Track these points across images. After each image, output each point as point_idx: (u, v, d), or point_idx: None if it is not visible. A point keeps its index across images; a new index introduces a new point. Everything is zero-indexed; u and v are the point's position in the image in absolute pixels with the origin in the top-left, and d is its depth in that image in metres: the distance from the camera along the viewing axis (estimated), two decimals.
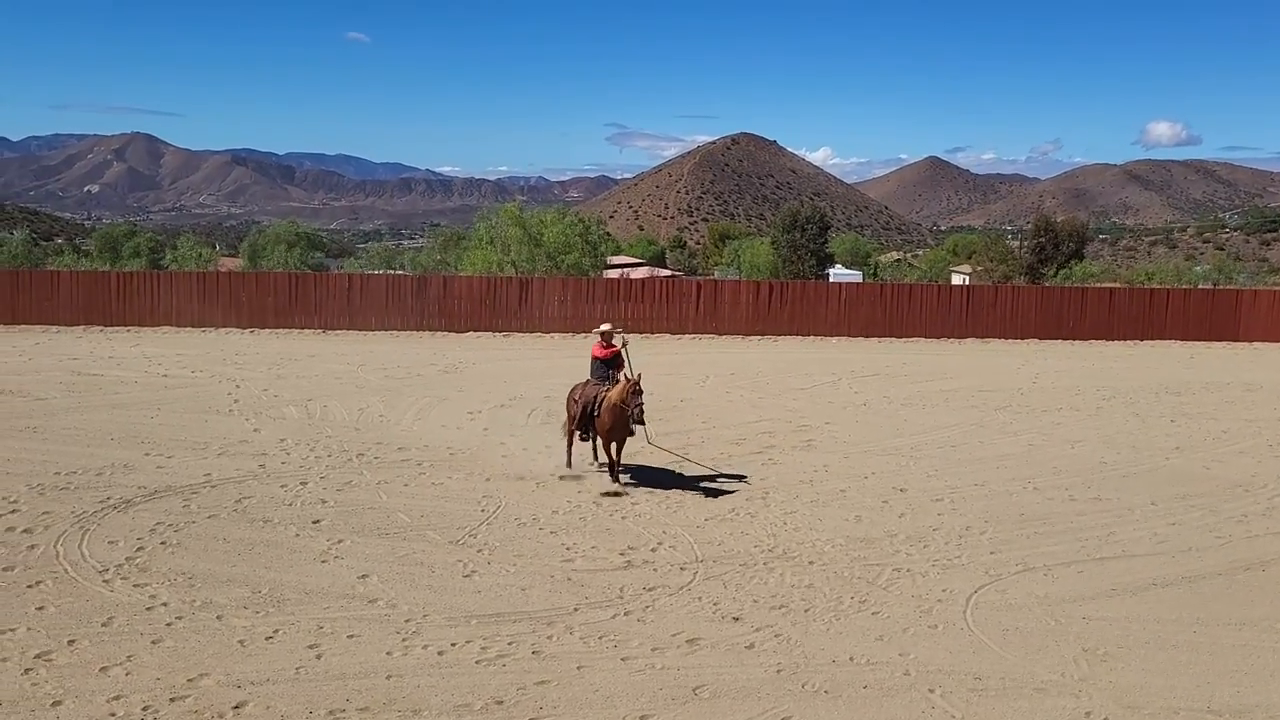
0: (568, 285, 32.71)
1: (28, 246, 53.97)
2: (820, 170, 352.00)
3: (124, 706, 7.70)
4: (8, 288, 30.77)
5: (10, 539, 11.28)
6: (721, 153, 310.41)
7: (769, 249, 60.40)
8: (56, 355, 24.59)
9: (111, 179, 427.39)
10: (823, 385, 22.79)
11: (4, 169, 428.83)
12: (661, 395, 20.91)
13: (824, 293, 33.51)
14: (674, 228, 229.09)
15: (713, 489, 14.04)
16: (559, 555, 11.30)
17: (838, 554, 11.57)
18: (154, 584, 10.12)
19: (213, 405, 18.91)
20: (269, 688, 8.06)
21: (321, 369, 23.41)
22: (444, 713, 7.76)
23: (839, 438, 17.54)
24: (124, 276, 32.60)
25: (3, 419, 17.21)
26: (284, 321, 30.88)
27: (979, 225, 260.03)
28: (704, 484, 14.34)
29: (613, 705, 7.94)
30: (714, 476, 14.66)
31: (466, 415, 18.59)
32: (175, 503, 12.80)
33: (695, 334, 31.87)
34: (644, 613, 9.74)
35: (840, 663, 8.75)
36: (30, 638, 8.83)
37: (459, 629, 9.26)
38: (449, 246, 54.42)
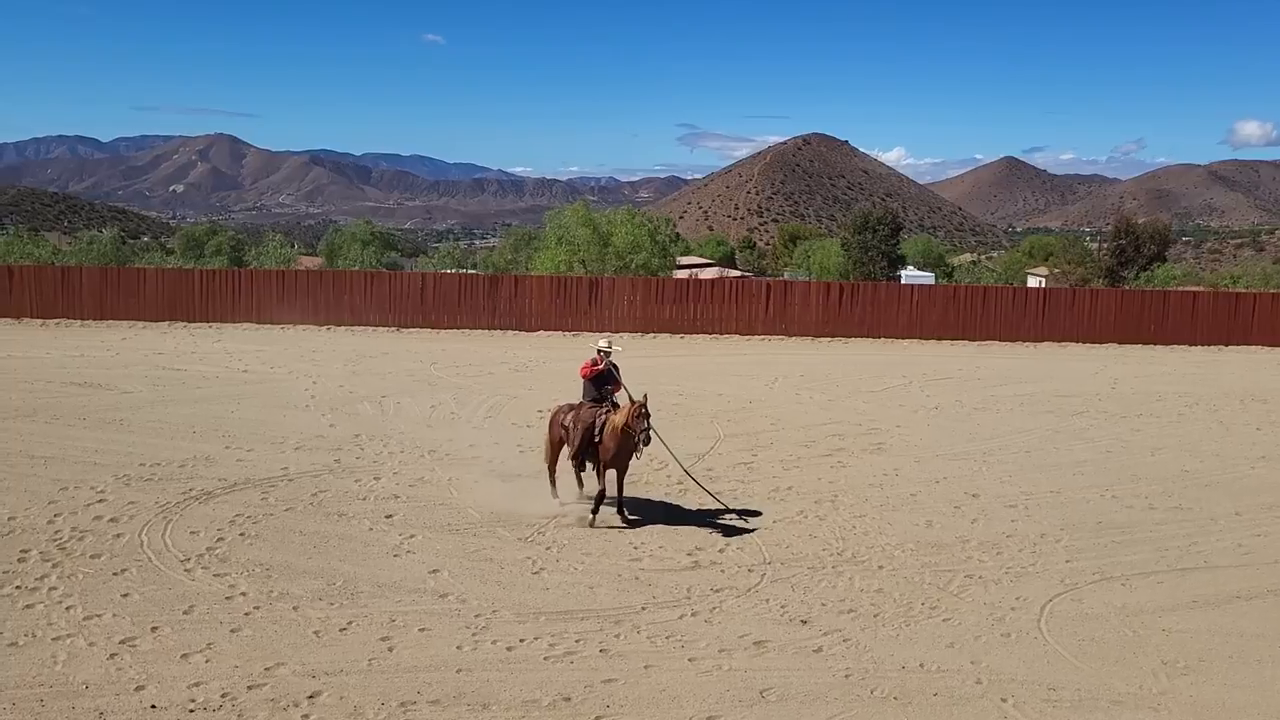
0: (637, 285, 32.75)
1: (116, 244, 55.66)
2: (893, 171, 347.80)
3: (203, 693, 7.92)
4: (97, 284, 31.79)
5: (98, 527, 11.68)
6: (792, 153, 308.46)
7: (839, 250, 59.84)
8: (142, 350, 25.35)
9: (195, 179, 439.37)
10: (894, 388, 22.52)
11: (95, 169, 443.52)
12: (730, 396, 20.88)
13: (895, 294, 33.06)
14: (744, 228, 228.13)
15: (776, 492, 13.96)
16: (626, 554, 11.34)
17: (908, 559, 11.43)
18: (233, 574, 10.40)
19: (290, 400, 19.33)
20: (342, 678, 8.23)
21: (395, 366, 23.78)
22: (512, 708, 7.84)
23: (910, 441, 17.32)
24: (207, 274, 33.49)
25: (91, 411, 17.81)
26: (359, 319, 31.41)
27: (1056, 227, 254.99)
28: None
29: (679, 705, 7.95)
30: (724, 512, 12.94)
31: (536, 413, 18.72)
32: (254, 495, 13.12)
33: (764, 335, 31.69)
34: (711, 614, 9.73)
35: (910, 669, 8.65)
36: (115, 623, 9.13)
37: (527, 625, 9.36)
38: (520, 246, 54.87)
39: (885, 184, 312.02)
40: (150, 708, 7.67)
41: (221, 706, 7.73)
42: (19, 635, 8.82)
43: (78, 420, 17.12)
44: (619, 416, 12.17)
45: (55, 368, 22.23)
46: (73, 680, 8.06)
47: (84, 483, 13.38)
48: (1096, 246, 63.69)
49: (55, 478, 13.59)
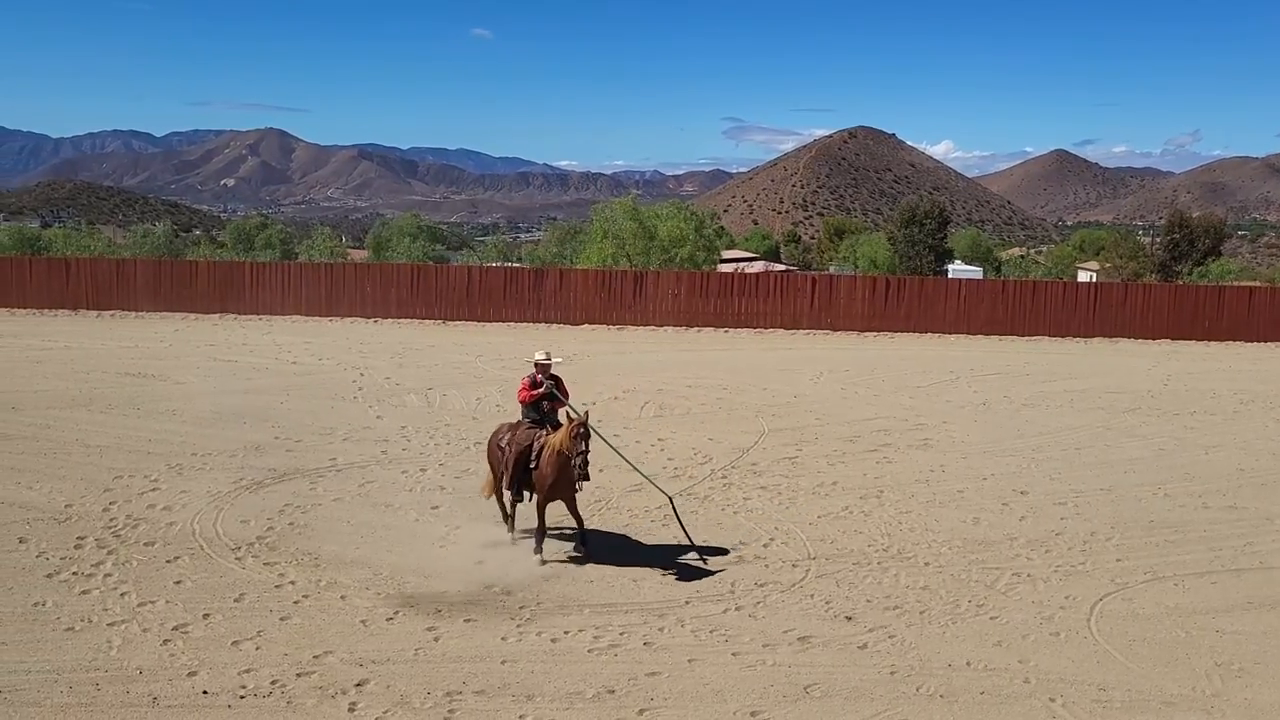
0: (682, 279, 32.70)
1: (169, 238, 56.68)
2: (940, 164, 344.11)
3: (254, 679, 8.05)
4: (151, 276, 32.37)
5: (151, 515, 11.90)
6: (838, 146, 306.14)
7: (886, 244, 59.36)
8: (194, 341, 25.79)
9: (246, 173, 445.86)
10: (940, 383, 22.29)
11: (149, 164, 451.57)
12: (775, 391, 20.80)
13: (943, 289, 32.71)
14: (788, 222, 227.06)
15: (821, 487, 13.88)
16: (671, 548, 11.33)
17: (954, 556, 11.32)
18: (282, 563, 10.55)
19: (338, 392, 19.56)
20: (389, 667, 8.32)
21: (441, 359, 23.97)
22: (557, 699, 7.88)
23: (957, 437, 17.14)
24: (257, 267, 33.98)
25: (146, 401, 18.14)
26: (406, 312, 31.71)
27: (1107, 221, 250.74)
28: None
29: (723, 700, 7.94)
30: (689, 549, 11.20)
31: (580, 407, 18.76)
32: (303, 485, 13.30)
33: (809, 330, 31.52)
34: (755, 608, 9.71)
35: (957, 667, 8.57)
36: (169, 610, 9.30)
37: (571, 617, 9.39)
38: (565, 240, 55.08)
39: (932, 177, 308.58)
40: (202, 693, 7.81)
41: (271, 693, 7.85)
42: (75, 620, 9.02)
43: (132, 410, 17.45)
44: (557, 437, 10.55)
45: (110, 358, 22.68)
46: (127, 665, 8.22)
47: (138, 471, 13.64)
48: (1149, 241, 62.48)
49: (110, 466, 13.87)
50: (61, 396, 18.31)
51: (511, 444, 10.95)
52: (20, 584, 9.80)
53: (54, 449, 14.72)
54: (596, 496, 13.09)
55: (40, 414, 16.89)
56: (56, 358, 22.62)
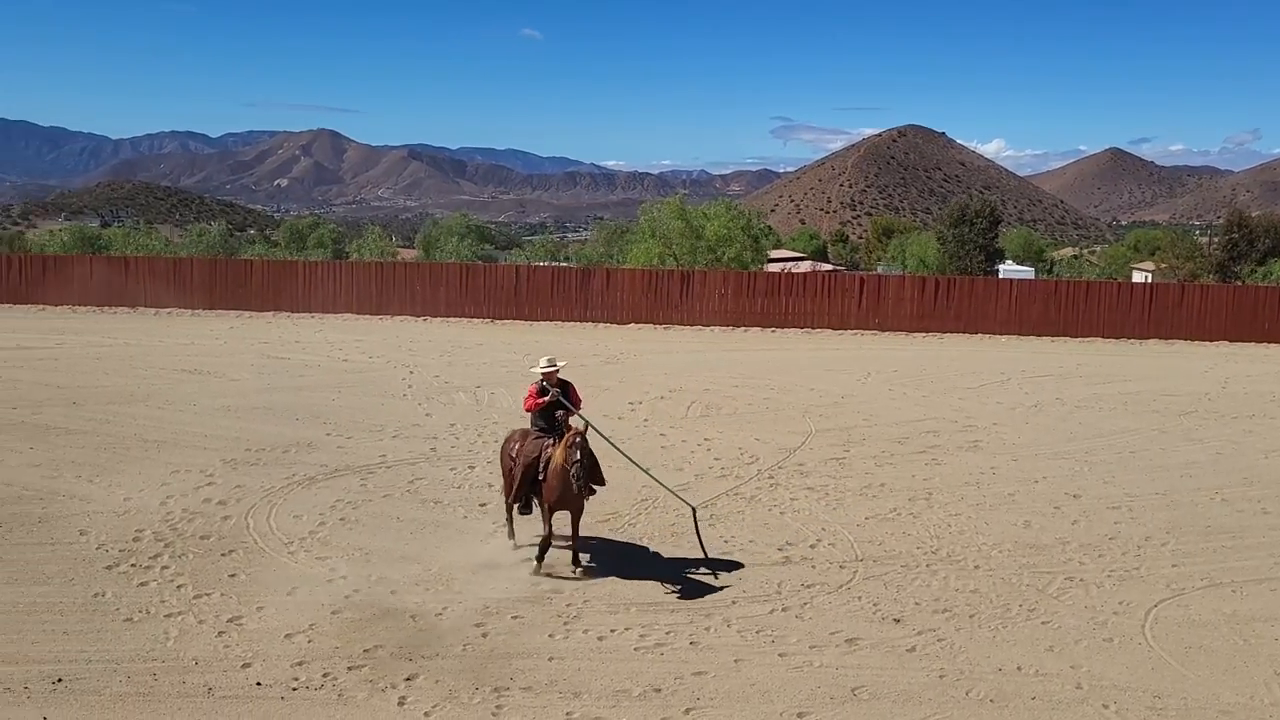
0: (729, 279, 32.64)
1: (224, 237, 57.65)
2: (991, 162, 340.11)
3: (306, 672, 8.18)
4: (207, 275, 32.98)
5: (207, 509, 12.13)
6: (887, 145, 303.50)
7: (935, 244, 58.74)
8: (248, 339, 26.22)
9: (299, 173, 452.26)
10: (991, 385, 22.03)
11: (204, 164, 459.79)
12: (822, 391, 20.69)
13: (993, 289, 32.32)
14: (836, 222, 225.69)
15: (869, 488, 13.79)
16: (716, 548, 11.33)
17: (1005, 559, 11.19)
18: (334, 558, 10.70)
19: (388, 389, 19.78)
20: (438, 662, 8.41)
21: (489, 357, 24.15)
22: (603, 697, 7.92)
23: (1007, 439, 16.93)
24: (309, 266, 34.49)
25: (201, 398, 18.49)
26: (454, 311, 31.98)
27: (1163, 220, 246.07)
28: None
29: (769, 700, 7.93)
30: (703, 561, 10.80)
31: (627, 405, 18.84)
32: (353, 481, 13.48)
33: (857, 330, 31.31)
34: (802, 609, 9.67)
35: (1007, 672, 8.47)
36: (223, 603, 9.48)
37: (618, 615, 9.43)
38: (612, 239, 55.20)
39: (983, 176, 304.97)
40: (256, 684, 7.95)
41: (322, 686, 7.97)
42: (134, 611, 9.22)
43: (188, 406, 17.79)
44: (560, 450, 10.19)
45: (168, 355, 23.14)
46: (183, 656, 8.39)
47: (194, 466, 13.91)
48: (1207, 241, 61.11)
49: (167, 461, 14.16)
50: (121, 392, 18.72)
51: (520, 455, 10.64)
52: (81, 575, 10.05)
53: (113, 444, 15.06)
54: (643, 495, 13.11)
55: (100, 409, 17.28)
56: (116, 354, 23.13)
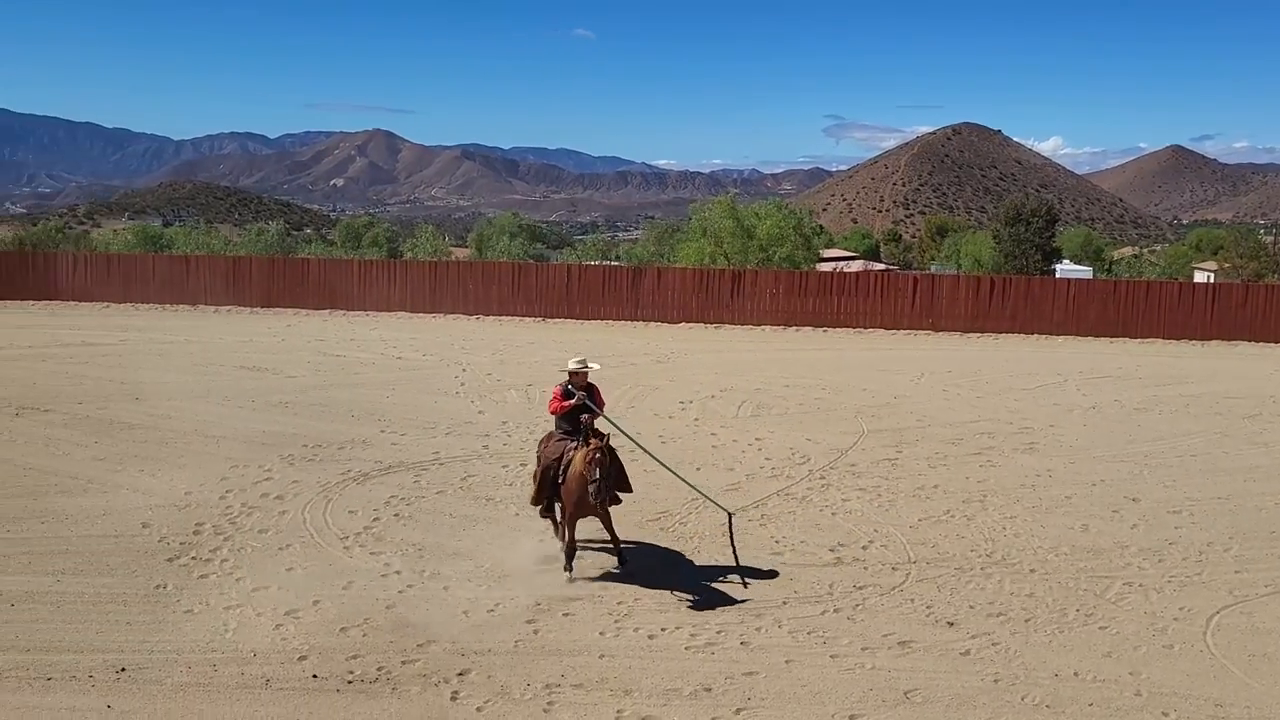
0: (780, 278, 32.50)
1: (281, 236, 58.61)
2: (1048, 160, 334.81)
3: (360, 665, 8.29)
4: (265, 274, 33.55)
5: (265, 504, 12.35)
6: (942, 143, 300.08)
7: (990, 243, 57.98)
8: (305, 337, 26.62)
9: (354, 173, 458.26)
10: (1047, 386, 21.69)
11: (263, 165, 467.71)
12: (874, 391, 20.51)
13: (1050, 289, 31.80)
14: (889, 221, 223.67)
15: (922, 490, 13.65)
16: (768, 548, 11.30)
17: (1062, 563, 11.02)
18: (388, 553, 10.83)
19: (441, 387, 19.98)
20: (490, 658, 8.48)
21: (541, 355, 24.27)
22: (654, 695, 7.93)
23: (1064, 441, 16.66)
24: (364, 264, 34.94)
25: (259, 394, 18.81)
26: (506, 309, 32.20)
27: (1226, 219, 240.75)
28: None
29: (821, 702, 7.89)
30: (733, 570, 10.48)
31: (678, 405, 18.84)
32: (407, 478, 13.63)
33: (910, 330, 31.00)
34: (854, 611, 9.61)
35: (1064, 677, 8.34)
36: (280, 596, 9.64)
37: (669, 614, 9.43)
38: (663, 239, 55.23)
39: (1040, 174, 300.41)
40: (312, 677, 8.08)
41: (377, 679, 8.07)
42: (195, 603, 9.42)
43: (247, 402, 18.11)
44: (579, 457, 9.88)
45: (227, 352, 23.58)
46: (242, 648, 8.55)
47: (252, 461, 14.16)
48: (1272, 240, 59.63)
49: (227, 456, 14.43)
50: (181, 388, 19.10)
51: (541, 457, 10.48)
52: (143, 567, 10.28)
53: (175, 438, 15.38)
54: (693, 495, 13.09)
55: (162, 404, 17.65)
56: (178, 351, 23.62)
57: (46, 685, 7.84)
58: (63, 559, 10.43)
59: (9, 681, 7.87)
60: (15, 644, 8.48)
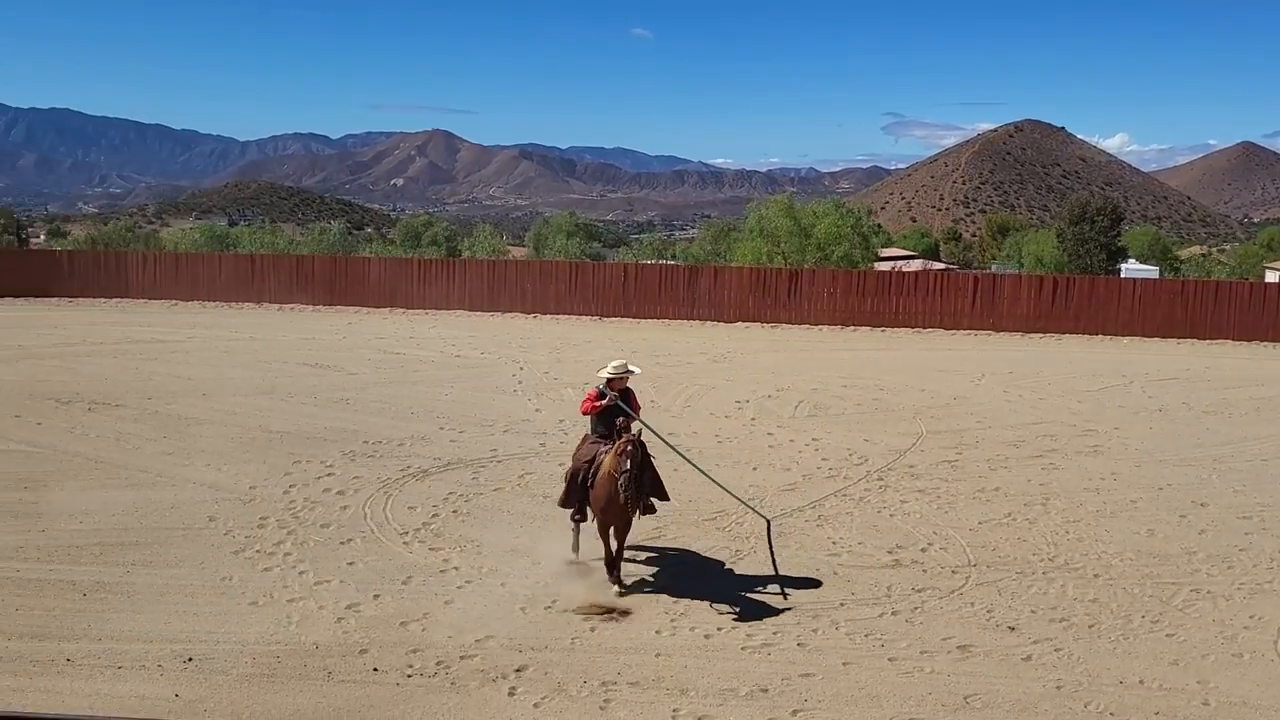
0: (838, 278, 32.25)
1: (343, 235, 59.55)
2: (1113, 158, 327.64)
3: (420, 659, 8.40)
4: (327, 273, 34.09)
5: (327, 499, 12.56)
6: (1003, 141, 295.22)
7: (1053, 242, 57.00)
8: (366, 334, 27.00)
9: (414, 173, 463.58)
10: (1112, 388, 21.27)
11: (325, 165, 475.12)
12: (934, 392, 20.28)
13: (1115, 289, 31.17)
14: (948, 219, 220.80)
15: (982, 492, 13.46)
16: (825, 549, 11.24)
17: (1127, 569, 10.80)
18: (447, 549, 10.95)
19: (499, 385, 20.14)
20: (547, 654, 8.54)
21: (597, 354, 24.32)
22: (710, 695, 7.93)
23: (1130, 445, 16.33)
24: (424, 263, 35.33)
25: (321, 391, 19.13)
26: (563, 308, 32.35)
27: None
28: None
29: (879, 705, 7.82)
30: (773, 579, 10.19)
31: (734, 404, 18.80)
32: (466, 475, 13.77)
33: (970, 330, 30.59)
34: (912, 614, 9.51)
35: (1129, 685, 8.18)
36: (342, 589, 9.80)
37: (724, 614, 9.41)
38: (719, 238, 55.13)
39: (1105, 172, 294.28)
40: (373, 670, 8.20)
41: (436, 674, 8.17)
42: (259, 595, 9.61)
43: (310, 398, 18.43)
44: (608, 458, 9.63)
45: (290, 349, 24.00)
46: (305, 640, 8.71)
47: (315, 457, 14.40)
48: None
49: (290, 451, 14.70)
50: (246, 384, 19.50)
51: (573, 460, 10.32)
52: (210, 559, 10.51)
53: (240, 434, 15.70)
54: (749, 495, 13.06)
55: (228, 400, 18.03)
56: (243, 348, 24.09)
57: (117, 673, 8.05)
58: (133, 550, 10.71)
59: (81, 669, 8.10)
60: (87, 633, 8.73)
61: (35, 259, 39.22)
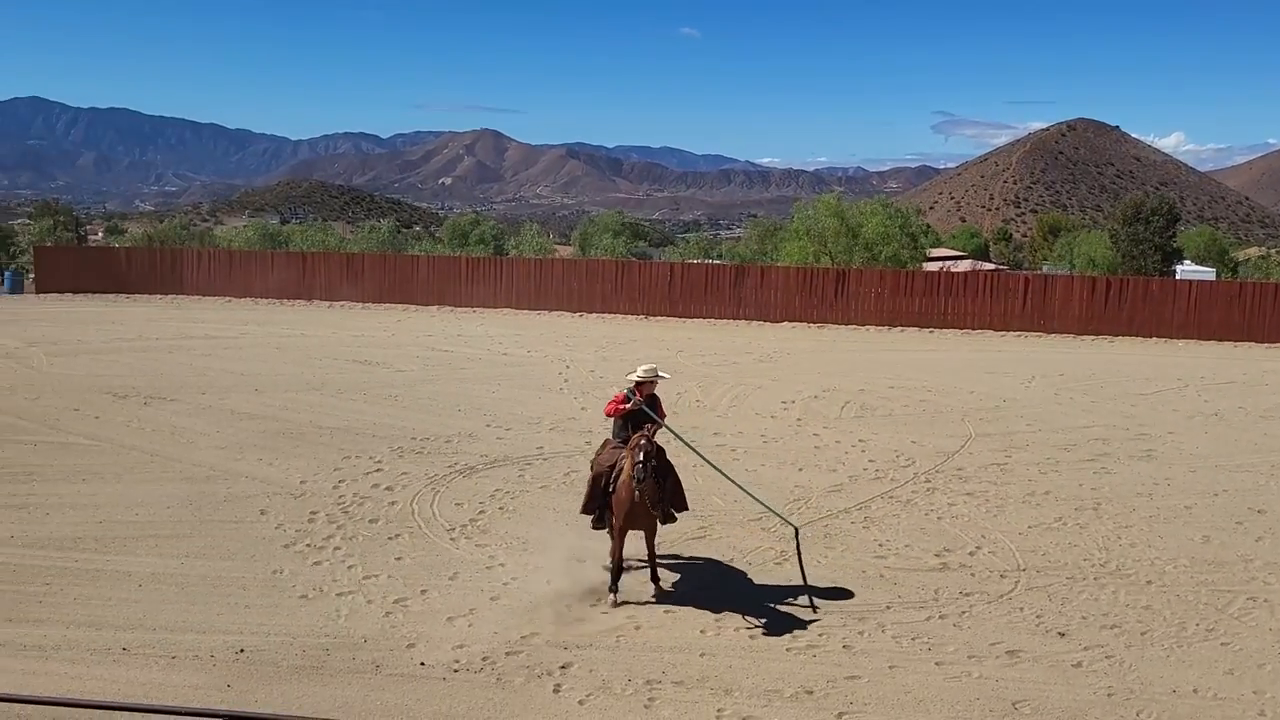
0: (885, 277, 32.02)
1: (392, 233, 60.15)
2: (1169, 157, 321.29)
3: (466, 655, 8.46)
4: (377, 271, 34.53)
5: (375, 494, 12.70)
6: (1055, 140, 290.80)
7: (1106, 242, 56.07)
8: (414, 332, 27.28)
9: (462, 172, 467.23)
10: (1167, 391, 20.89)
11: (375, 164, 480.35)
12: (982, 394, 20.05)
13: (1170, 291, 30.63)
14: (999, 219, 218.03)
15: (1032, 496, 13.28)
16: (871, 551, 11.16)
17: (1181, 575, 10.60)
18: (493, 545, 11.03)
19: (545, 383, 20.24)
20: (591, 652, 8.57)
21: (643, 353, 24.34)
22: (754, 696, 7.91)
23: (1184, 449, 16.03)
24: (471, 262, 35.64)
25: (370, 387, 19.36)
26: (609, 307, 32.44)
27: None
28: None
29: (925, 710, 7.76)
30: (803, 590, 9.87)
31: (780, 404, 18.72)
32: (512, 472, 13.86)
33: (1021, 331, 30.21)
34: (960, 618, 9.41)
35: (1182, 694, 8.04)
36: (390, 584, 9.91)
37: (770, 615, 9.37)
38: (766, 237, 54.90)
39: (1160, 171, 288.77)
40: (420, 664, 8.28)
41: (482, 669, 8.23)
42: (309, 589, 9.74)
43: (359, 395, 18.65)
44: (630, 463, 9.26)
45: (340, 346, 24.32)
46: (353, 633, 8.82)
47: (364, 453, 14.57)
48: None
49: (340, 447, 14.89)
50: (297, 380, 19.78)
51: (594, 465, 9.98)
52: (261, 553, 10.68)
53: (291, 429, 15.93)
54: (795, 495, 13.03)
55: (279, 396, 18.30)
56: (294, 344, 24.45)
57: (171, 663, 8.21)
58: (186, 542, 10.91)
59: (137, 658, 8.27)
60: (142, 622, 8.91)
61: (94, 256, 40.15)
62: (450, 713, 7.58)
